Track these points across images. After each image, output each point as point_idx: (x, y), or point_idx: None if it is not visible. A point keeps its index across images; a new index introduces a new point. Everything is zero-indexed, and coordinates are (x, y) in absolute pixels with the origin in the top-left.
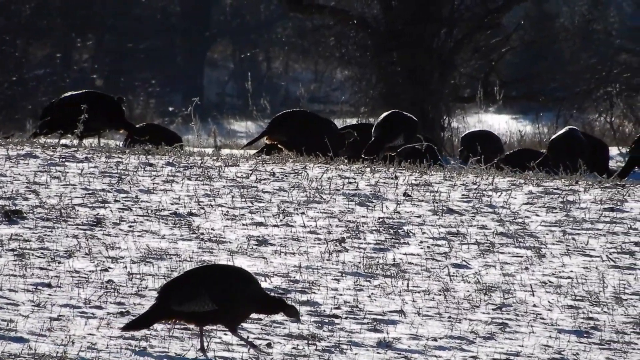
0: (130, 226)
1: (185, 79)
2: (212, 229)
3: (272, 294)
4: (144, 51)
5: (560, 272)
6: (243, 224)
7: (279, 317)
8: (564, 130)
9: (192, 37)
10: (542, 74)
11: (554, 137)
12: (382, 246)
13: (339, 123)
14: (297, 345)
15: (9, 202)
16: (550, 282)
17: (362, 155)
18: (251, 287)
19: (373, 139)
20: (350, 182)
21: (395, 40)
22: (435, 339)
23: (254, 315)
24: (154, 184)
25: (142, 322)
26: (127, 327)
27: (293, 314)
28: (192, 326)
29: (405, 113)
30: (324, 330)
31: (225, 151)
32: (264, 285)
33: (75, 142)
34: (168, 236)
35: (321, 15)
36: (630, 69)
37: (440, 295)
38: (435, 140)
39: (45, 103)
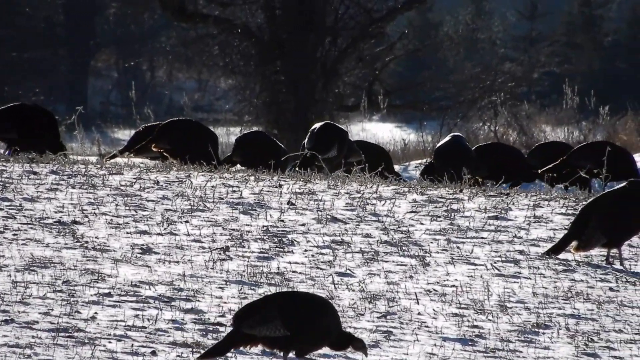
0: (14, 234)
1: (69, 88)
2: (96, 238)
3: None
4: (28, 60)
5: (444, 280)
6: (127, 233)
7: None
8: (448, 137)
9: (76, 46)
10: (426, 82)
11: (438, 145)
12: (266, 255)
13: (222, 132)
14: (182, 353)
15: None
16: (434, 290)
17: (297, 168)
18: (328, 319)
19: (307, 151)
20: (234, 191)
21: (279, 50)
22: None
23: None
24: (38, 192)
25: (220, 348)
26: (206, 355)
27: (360, 348)
28: (267, 349)
29: (336, 124)
30: (208, 338)
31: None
32: (148, 292)
33: None
34: (52, 244)
35: (205, 24)
36: (515, 78)
37: None
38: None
39: None
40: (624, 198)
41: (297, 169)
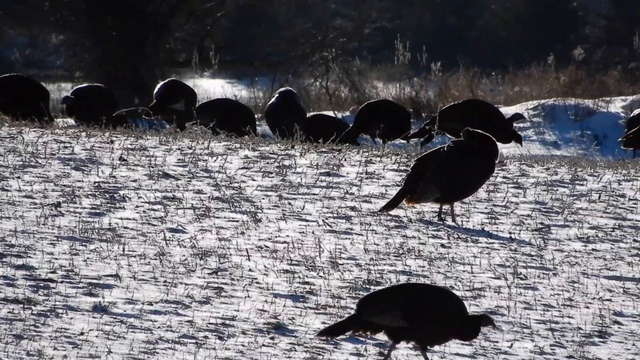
0: None
1: None
2: None
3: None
4: None
5: (276, 236)
6: None
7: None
8: (278, 94)
9: None
10: (257, 38)
11: (270, 102)
12: (97, 210)
13: (54, 87)
14: (13, 309)
15: None
16: (266, 246)
17: (145, 117)
18: (452, 310)
19: (155, 101)
20: (66, 147)
21: (110, 5)
22: (151, 304)
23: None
24: None
25: (337, 329)
26: (323, 333)
27: (488, 323)
28: (387, 339)
29: (184, 83)
30: (39, 295)
31: None
32: None
33: None
34: None
35: None
36: (345, 34)
37: (156, 259)
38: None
39: None
40: (461, 152)
41: (144, 117)
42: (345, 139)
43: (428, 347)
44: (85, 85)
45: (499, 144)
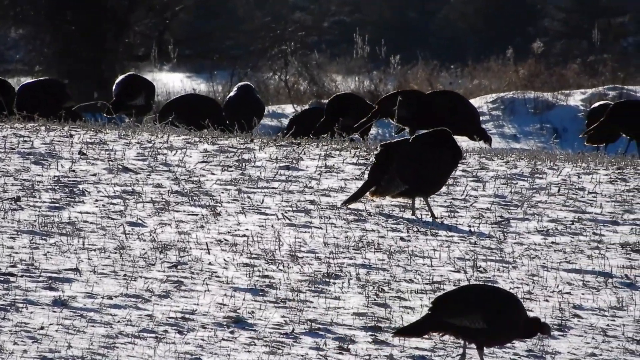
0: None
1: None
2: None
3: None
4: None
5: (235, 230)
6: None
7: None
8: (237, 88)
9: None
10: (216, 32)
11: (229, 95)
12: (57, 204)
13: (13, 82)
14: None
15: None
16: (225, 240)
17: (106, 115)
18: (519, 313)
19: (114, 98)
20: (25, 141)
21: (70, 0)
22: (110, 297)
23: None
24: None
25: (415, 330)
26: (400, 333)
27: (547, 331)
28: (459, 339)
29: (142, 76)
30: (0, 289)
31: None
32: None
33: None
34: None
35: None
36: (305, 27)
37: (115, 253)
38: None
39: None
40: (426, 146)
41: (106, 115)
42: (322, 130)
43: (488, 347)
44: (32, 80)
45: (466, 139)
